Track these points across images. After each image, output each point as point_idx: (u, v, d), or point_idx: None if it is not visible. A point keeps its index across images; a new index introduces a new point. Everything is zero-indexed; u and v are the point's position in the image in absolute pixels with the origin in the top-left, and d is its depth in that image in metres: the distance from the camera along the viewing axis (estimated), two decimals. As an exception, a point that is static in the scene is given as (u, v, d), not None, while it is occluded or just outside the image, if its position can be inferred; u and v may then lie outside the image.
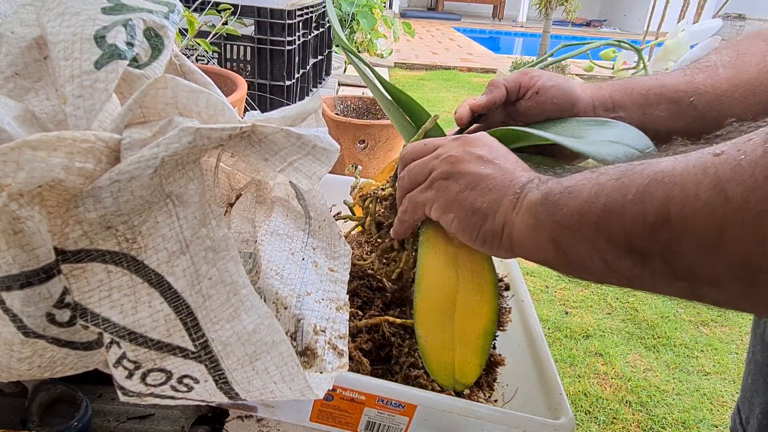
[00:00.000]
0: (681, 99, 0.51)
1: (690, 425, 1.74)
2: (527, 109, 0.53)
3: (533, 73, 0.54)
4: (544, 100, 0.52)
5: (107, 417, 0.49)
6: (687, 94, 0.51)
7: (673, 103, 0.51)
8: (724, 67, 0.52)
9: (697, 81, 0.51)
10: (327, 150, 0.42)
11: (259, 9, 1.12)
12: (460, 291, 0.48)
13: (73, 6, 0.40)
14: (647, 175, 0.32)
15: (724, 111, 0.50)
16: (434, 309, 0.48)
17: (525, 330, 0.61)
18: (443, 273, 0.48)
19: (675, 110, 0.51)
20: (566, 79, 0.54)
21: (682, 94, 0.51)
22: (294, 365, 0.39)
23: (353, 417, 0.49)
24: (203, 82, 0.48)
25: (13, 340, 0.35)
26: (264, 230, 0.50)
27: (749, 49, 0.52)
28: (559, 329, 2.14)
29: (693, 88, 0.51)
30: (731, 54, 0.53)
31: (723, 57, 0.53)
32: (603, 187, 0.34)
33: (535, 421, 0.46)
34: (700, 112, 0.51)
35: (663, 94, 0.52)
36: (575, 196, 0.36)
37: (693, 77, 0.52)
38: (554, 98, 0.52)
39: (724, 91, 0.51)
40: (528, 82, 0.53)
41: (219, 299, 0.38)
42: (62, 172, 0.32)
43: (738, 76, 0.51)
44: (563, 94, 0.52)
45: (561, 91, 0.52)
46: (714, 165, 0.29)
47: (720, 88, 0.51)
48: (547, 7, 6.96)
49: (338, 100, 1.15)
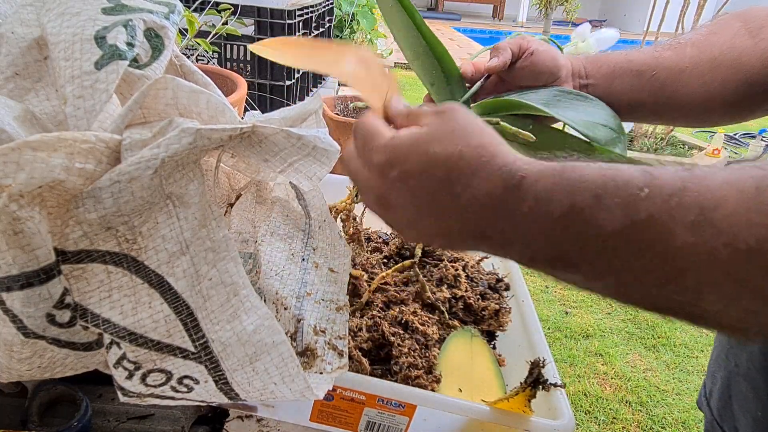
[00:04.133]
0: (644, 72, 0.56)
1: (690, 425, 1.74)
2: (522, 69, 0.57)
3: (528, 37, 0.59)
4: (537, 62, 0.56)
5: (107, 417, 0.49)
6: (650, 68, 0.56)
7: (636, 76, 0.56)
8: (692, 45, 0.56)
9: (663, 57, 0.56)
10: (327, 151, 0.42)
11: (259, 9, 1.12)
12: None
13: (74, 6, 0.40)
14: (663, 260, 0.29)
15: (681, 86, 0.54)
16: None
17: (525, 330, 0.61)
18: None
19: (636, 83, 0.56)
20: (553, 47, 0.59)
21: (645, 67, 0.56)
22: (294, 366, 0.39)
23: (353, 417, 0.49)
24: (203, 82, 0.48)
25: (13, 341, 0.35)
26: (264, 231, 0.50)
27: (721, 29, 0.56)
28: (559, 329, 2.14)
29: (657, 63, 0.56)
30: (704, 33, 0.57)
31: (696, 35, 0.57)
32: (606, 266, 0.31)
33: (535, 421, 0.46)
34: (660, 85, 0.55)
35: (628, 67, 0.56)
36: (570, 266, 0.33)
37: (660, 53, 0.56)
38: (545, 61, 0.56)
39: (685, 67, 0.54)
40: (526, 44, 0.57)
41: (219, 300, 0.38)
42: (62, 173, 0.32)
43: (701, 55, 0.54)
44: (551, 59, 0.57)
45: (550, 55, 0.57)
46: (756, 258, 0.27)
47: (682, 64, 0.55)
48: (547, 7, 6.96)
49: (338, 100, 1.15)
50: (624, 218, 0.29)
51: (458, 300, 0.63)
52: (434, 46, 0.58)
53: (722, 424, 0.57)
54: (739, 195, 0.27)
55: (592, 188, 0.31)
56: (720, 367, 0.60)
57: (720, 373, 0.59)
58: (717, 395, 0.59)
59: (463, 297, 0.63)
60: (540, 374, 0.48)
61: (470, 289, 0.65)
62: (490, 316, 0.62)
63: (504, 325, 0.62)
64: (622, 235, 0.29)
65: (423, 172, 0.33)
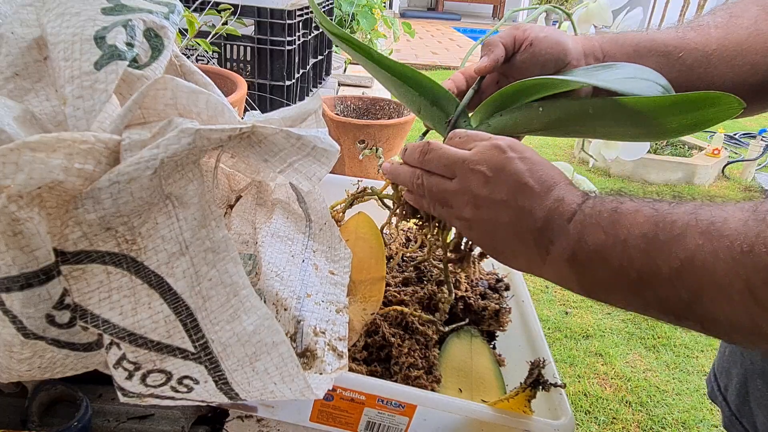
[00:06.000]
0: (670, 53, 0.52)
1: (690, 425, 1.74)
2: (522, 62, 0.53)
3: (524, 26, 0.54)
4: (538, 51, 0.52)
5: (107, 417, 0.49)
6: (677, 49, 0.52)
7: (663, 56, 0.53)
8: (716, 27, 0.53)
9: (688, 38, 0.53)
10: (327, 151, 0.42)
11: (259, 9, 1.11)
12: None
13: (73, 6, 0.40)
14: (677, 257, 0.34)
15: (711, 68, 0.52)
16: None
17: (525, 330, 0.61)
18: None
19: (664, 63, 0.52)
20: (556, 29, 0.54)
21: (672, 48, 0.53)
22: (294, 366, 0.39)
23: (353, 417, 0.49)
24: (203, 82, 0.48)
25: (13, 342, 0.35)
26: (264, 232, 0.50)
27: (743, 12, 0.54)
28: (559, 329, 2.14)
29: (683, 43, 0.53)
30: (724, 16, 0.54)
31: (716, 18, 0.54)
32: (631, 259, 0.36)
33: (535, 421, 0.46)
34: (688, 66, 0.52)
35: (653, 47, 0.53)
36: (603, 261, 0.38)
37: (684, 34, 0.53)
38: (548, 48, 0.52)
39: (713, 50, 0.52)
40: (522, 35, 0.53)
41: (219, 300, 0.38)
42: (62, 174, 0.32)
43: (728, 37, 0.52)
44: (555, 44, 0.52)
45: (553, 40, 0.52)
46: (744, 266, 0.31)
47: (709, 47, 0.52)
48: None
49: (338, 100, 1.15)
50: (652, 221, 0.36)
51: (458, 300, 0.63)
52: (402, 75, 0.53)
53: (741, 419, 0.58)
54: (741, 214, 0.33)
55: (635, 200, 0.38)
56: (735, 363, 0.60)
57: (735, 369, 0.60)
58: (734, 391, 0.59)
59: (464, 297, 0.63)
60: (540, 374, 0.48)
61: (470, 289, 0.65)
62: (490, 316, 0.62)
63: (504, 325, 0.62)
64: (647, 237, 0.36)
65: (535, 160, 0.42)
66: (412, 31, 3.04)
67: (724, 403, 0.61)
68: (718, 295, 0.33)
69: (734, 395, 0.59)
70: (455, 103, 0.54)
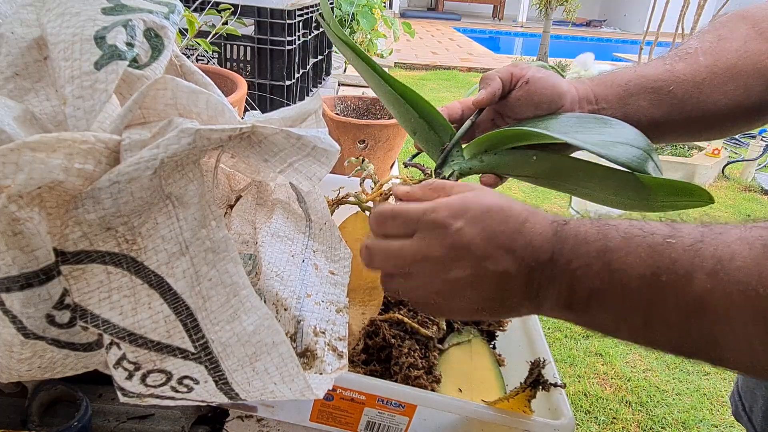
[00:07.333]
0: (660, 88, 0.52)
1: (690, 425, 1.74)
2: (517, 99, 0.53)
3: (522, 65, 0.55)
4: (534, 90, 0.52)
5: (107, 417, 0.49)
6: (666, 83, 0.52)
7: (653, 92, 0.52)
8: (704, 53, 0.53)
9: (676, 70, 0.53)
10: (327, 151, 0.42)
11: (259, 9, 1.11)
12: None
13: (73, 6, 0.40)
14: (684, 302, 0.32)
15: (703, 97, 0.52)
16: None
17: (525, 330, 0.61)
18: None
19: (655, 99, 0.52)
20: (553, 73, 0.54)
21: (661, 83, 0.52)
22: (294, 366, 0.39)
23: (353, 417, 0.49)
24: (203, 82, 0.48)
25: (13, 342, 0.35)
26: (264, 232, 0.50)
27: (731, 33, 0.53)
28: (559, 329, 2.14)
29: (673, 77, 0.52)
30: (712, 39, 0.54)
31: (704, 42, 0.54)
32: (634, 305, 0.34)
33: (535, 421, 0.46)
34: (680, 99, 0.52)
35: (642, 84, 0.53)
36: (602, 307, 0.36)
37: (672, 66, 0.53)
38: (543, 89, 0.52)
39: (703, 78, 0.52)
40: (519, 73, 0.53)
41: (219, 300, 0.38)
42: (62, 174, 0.32)
43: (717, 63, 0.52)
44: (552, 86, 0.52)
45: (549, 82, 0.53)
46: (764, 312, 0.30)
47: (699, 76, 0.52)
48: (547, 7, 6.97)
49: (338, 100, 1.15)
50: (649, 261, 0.33)
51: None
52: (404, 94, 0.53)
53: None
54: (750, 251, 0.31)
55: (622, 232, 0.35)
56: (760, 385, 0.59)
57: (760, 391, 0.59)
58: (760, 412, 0.59)
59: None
60: (540, 374, 0.48)
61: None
62: (490, 316, 0.62)
63: (504, 325, 0.62)
64: (645, 278, 0.33)
65: (486, 212, 0.37)
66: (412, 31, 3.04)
67: (750, 424, 0.61)
68: (735, 342, 0.31)
69: (760, 416, 0.59)
70: (451, 133, 0.54)
